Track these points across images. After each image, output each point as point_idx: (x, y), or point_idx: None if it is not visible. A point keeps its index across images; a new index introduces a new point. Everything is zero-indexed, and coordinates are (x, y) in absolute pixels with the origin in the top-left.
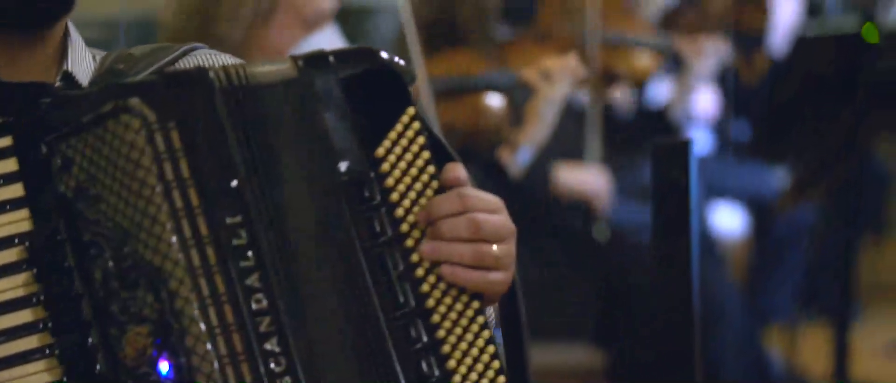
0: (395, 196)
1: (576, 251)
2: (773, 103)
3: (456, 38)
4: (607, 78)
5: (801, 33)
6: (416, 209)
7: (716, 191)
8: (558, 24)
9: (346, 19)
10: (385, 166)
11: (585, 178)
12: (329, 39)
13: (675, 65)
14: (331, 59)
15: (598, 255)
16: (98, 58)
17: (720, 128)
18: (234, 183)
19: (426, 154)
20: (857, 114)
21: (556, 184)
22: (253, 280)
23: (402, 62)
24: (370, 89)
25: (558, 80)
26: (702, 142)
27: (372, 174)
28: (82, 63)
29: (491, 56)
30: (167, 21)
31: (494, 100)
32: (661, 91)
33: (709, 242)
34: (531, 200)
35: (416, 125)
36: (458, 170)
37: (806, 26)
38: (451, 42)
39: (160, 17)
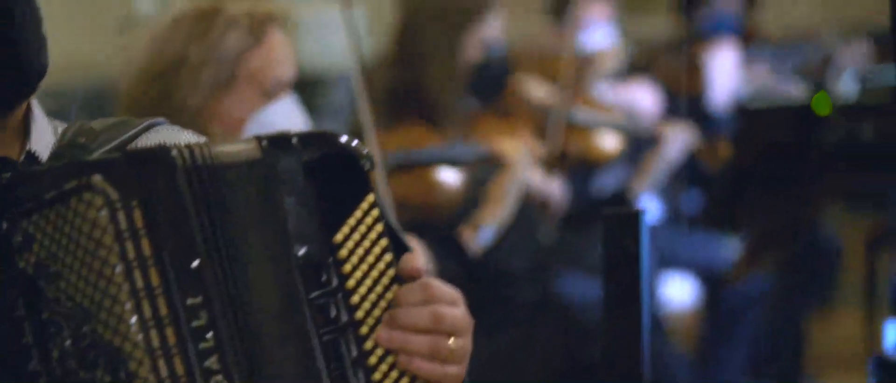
0: (351, 282)
1: (531, 324)
2: (724, 173)
3: (421, 108)
4: (563, 159)
5: (751, 105)
6: (371, 296)
7: (667, 261)
8: (526, 102)
9: (304, 89)
10: (343, 252)
11: (545, 180)
12: (287, 110)
13: (640, 148)
14: (294, 141)
15: (552, 327)
16: (60, 129)
17: (671, 198)
18: (196, 263)
19: (384, 242)
20: (808, 185)
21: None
22: (212, 362)
23: (365, 149)
24: (331, 173)
25: (524, 159)
26: (653, 211)
27: (330, 259)
28: (45, 139)
29: (456, 127)
30: (125, 89)
31: (451, 176)
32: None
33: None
34: (487, 274)
35: (375, 213)
36: (415, 261)
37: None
38: (415, 112)
39: (114, 87)
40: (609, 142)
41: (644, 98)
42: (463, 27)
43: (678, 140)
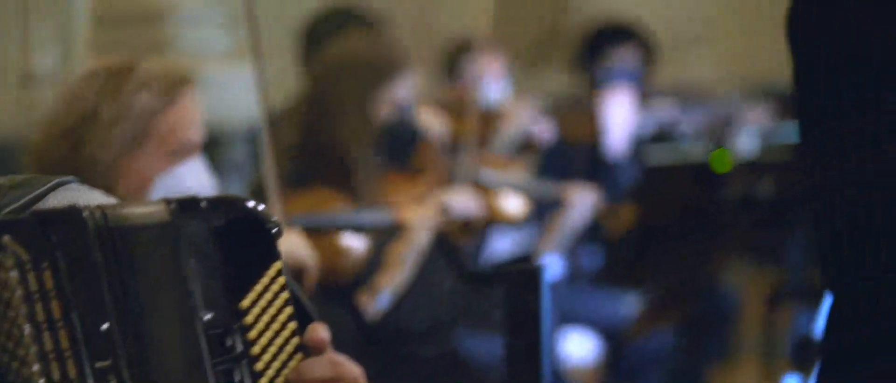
0: (256, 349)
1: (433, 381)
2: (625, 229)
3: (330, 167)
4: (470, 227)
5: (653, 162)
6: (275, 364)
7: (568, 317)
8: (434, 163)
9: (212, 149)
10: (249, 318)
11: (461, 200)
12: (195, 172)
13: (547, 209)
14: (202, 205)
15: None
16: None
17: (572, 254)
18: (105, 326)
19: (289, 310)
20: (709, 241)
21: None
22: None
23: (273, 215)
24: (239, 238)
25: (425, 226)
26: (554, 268)
27: (235, 325)
28: None
29: (364, 186)
30: (36, 142)
31: (354, 241)
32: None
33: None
34: (387, 335)
35: (281, 280)
36: (321, 332)
37: (657, 154)
38: (323, 172)
39: (14, 143)
40: (514, 203)
41: (540, 128)
42: (375, 86)
43: (583, 203)
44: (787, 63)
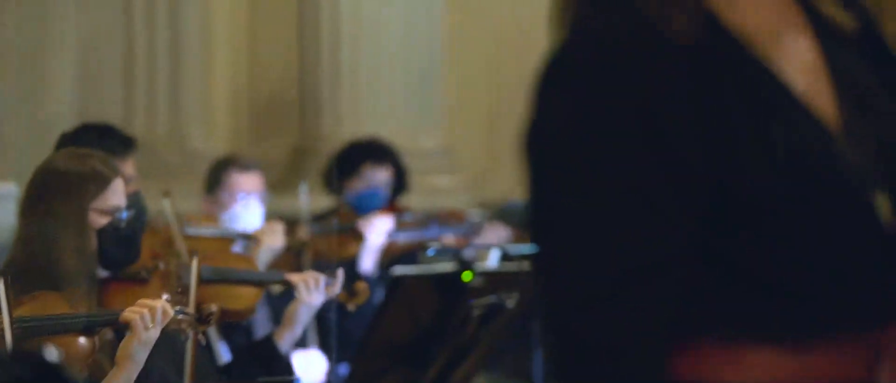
0: None
1: None
2: (373, 343)
3: (54, 281)
4: (202, 318)
5: (399, 273)
6: None
7: None
8: (158, 265)
9: None
10: None
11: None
12: None
13: (282, 297)
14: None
15: None
16: None
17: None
18: None
19: None
20: (455, 352)
21: None
22: None
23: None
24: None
25: (153, 322)
26: (305, 380)
27: None
28: None
29: (89, 297)
30: None
31: (84, 342)
32: (263, 324)
33: None
34: None
35: None
36: None
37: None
38: (48, 284)
39: None
40: (247, 295)
41: (275, 238)
42: (87, 198)
43: (312, 286)
44: (524, 185)
